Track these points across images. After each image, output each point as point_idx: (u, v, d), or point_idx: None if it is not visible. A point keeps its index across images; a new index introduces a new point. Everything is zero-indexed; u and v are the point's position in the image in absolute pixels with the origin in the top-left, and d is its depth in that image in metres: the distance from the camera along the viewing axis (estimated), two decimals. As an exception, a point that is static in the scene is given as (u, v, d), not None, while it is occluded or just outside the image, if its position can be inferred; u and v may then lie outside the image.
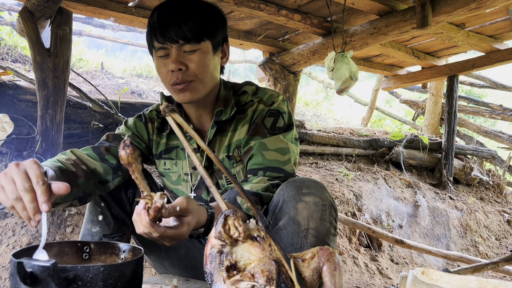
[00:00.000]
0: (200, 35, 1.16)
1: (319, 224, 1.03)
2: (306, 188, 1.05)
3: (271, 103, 1.28)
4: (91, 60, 7.41)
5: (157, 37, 1.16)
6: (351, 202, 3.59)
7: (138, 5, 2.96)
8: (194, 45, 1.16)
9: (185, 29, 1.13)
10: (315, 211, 1.03)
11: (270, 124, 1.25)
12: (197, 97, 1.21)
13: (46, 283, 0.69)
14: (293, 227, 1.03)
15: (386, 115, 8.20)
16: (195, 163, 0.97)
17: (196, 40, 1.15)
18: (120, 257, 0.92)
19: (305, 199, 1.04)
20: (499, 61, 3.95)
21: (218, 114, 1.27)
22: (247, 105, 1.30)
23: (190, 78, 1.17)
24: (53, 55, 2.67)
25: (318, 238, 1.02)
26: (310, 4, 3.00)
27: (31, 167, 0.83)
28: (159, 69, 1.21)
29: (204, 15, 1.18)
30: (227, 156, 1.28)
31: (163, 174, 1.38)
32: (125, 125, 1.35)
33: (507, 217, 4.62)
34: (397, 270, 3.40)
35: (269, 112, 1.26)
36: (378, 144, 4.59)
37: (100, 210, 1.26)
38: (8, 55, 5.11)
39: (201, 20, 1.17)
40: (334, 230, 1.07)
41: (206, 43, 1.18)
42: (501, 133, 6.07)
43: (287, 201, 1.05)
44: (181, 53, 1.16)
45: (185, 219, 0.91)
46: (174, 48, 1.15)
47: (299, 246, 1.01)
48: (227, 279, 0.77)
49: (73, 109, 3.08)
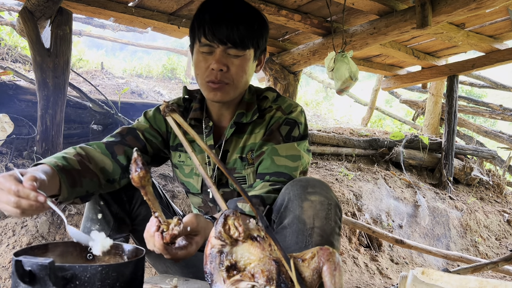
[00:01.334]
0: (248, 43, 1.20)
1: (325, 223, 1.03)
2: (311, 187, 1.06)
3: (289, 112, 1.31)
4: (91, 60, 7.41)
5: (206, 34, 1.18)
6: (351, 202, 3.59)
7: (138, 5, 2.96)
8: (240, 51, 1.19)
9: (236, 34, 1.16)
10: (321, 210, 1.03)
11: (286, 132, 1.27)
12: (226, 99, 1.25)
13: (44, 282, 0.69)
14: (298, 226, 1.03)
15: (386, 115, 8.20)
16: (195, 163, 0.98)
17: (243, 47, 1.19)
18: (124, 257, 0.92)
19: (311, 198, 1.04)
20: (499, 61, 3.94)
21: (239, 116, 1.30)
22: (266, 110, 1.33)
23: (227, 80, 1.21)
24: (53, 55, 2.66)
25: (323, 237, 1.02)
26: (310, 4, 3.00)
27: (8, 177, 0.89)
28: (199, 63, 1.23)
29: (255, 24, 1.22)
30: (240, 157, 1.31)
31: (176, 166, 1.40)
32: (144, 117, 1.37)
33: (507, 217, 4.62)
34: (397, 270, 3.40)
35: (286, 120, 1.28)
36: (378, 144, 4.59)
37: (99, 209, 1.26)
38: (8, 55, 5.11)
39: (252, 28, 1.20)
40: (338, 230, 1.08)
41: (250, 51, 1.23)
42: (501, 133, 6.07)
43: (292, 200, 1.06)
44: (225, 55, 1.19)
45: (194, 238, 0.94)
46: (220, 48, 1.18)
47: (304, 245, 1.01)
48: (227, 279, 0.77)
49: (73, 109, 3.08)
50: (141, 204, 1.34)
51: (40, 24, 2.70)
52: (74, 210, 2.38)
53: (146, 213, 1.35)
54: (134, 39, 9.54)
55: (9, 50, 5.18)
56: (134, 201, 1.32)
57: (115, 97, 4.27)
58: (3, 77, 2.95)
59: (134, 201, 1.32)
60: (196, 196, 1.41)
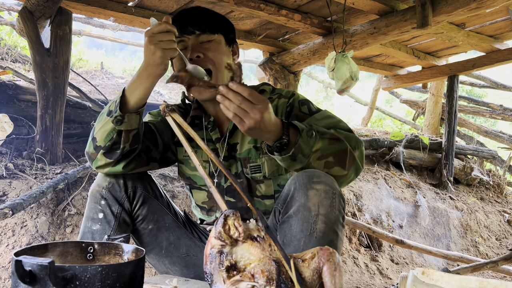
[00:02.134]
0: (214, 28, 1.32)
1: (329, 211, 1.05)
2: (317, 177, 1.08)
3: (291, 95, 1.37)
4: (91, 60, 7.41)
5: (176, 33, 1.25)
6: (351, 202, 3.59)
7: (138, 5, 2.96)
8: (209, 35, 1.31)
9: (201, 22, 1.30)
10: (326, 198, 1.06)
11: (308, 110, 1.32)
12: (217, 83, 1.28)
13: (44, 282, 0.69)
14: (303, 213, 1.05)
15: (386, 115, 8.19)
16: (195, 163, 0.99)
17: (210, 31, 1.31)
18: (124, 258, 0.92)
19: (316, 187, 1.06)
20: (499, 61, 3.94)
21: None
22: None
23: (208, 65, 1.28)
24: (53, 55, 2.66)
25: (328, 225, 1.04)
26: (310, 4, 3.00)
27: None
28: (177, 63, 1.32)
29: (216, 16, 1.37)
30: (255, 146, 1.35)
31: (182, 161, 1.43)
32: (151, 114, 1.44)
33: (507, 217, 4.62)
34: (397, 270, 3.40)
35: (300, 101, 1.34)
36: (378, 144, 4.59)
37: (100, 208, 1.26)
38: (8, 55, 5.11)
39: (214, 17, 1.36)
40: (342, 220, 1.10)
41: (219, 36, 1.34)
42: (501, 133, 6.06)
43: (298, 189, 1.08)
44: (198, 44, 1.30)
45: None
46: (191, 39, 1.30)
47: (309, 232, 1.03)
48: (227, 279, 0.77)
49: (73, 109, 3.08)
50: (142, 204, 1.34)
51: (40, 24, 2.70)
52: (74, 210, 2.38)
53: (147, 213, 1.35)
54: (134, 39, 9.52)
55: (8, 50, 5.18)
56: (135, 201, 1.32)
57: (114, 97, 4.27)
58: (3, 77, 2.95)
59: (135, 202, 1.33)
60: (201, 190, 1.43)
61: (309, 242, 1.02)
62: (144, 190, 1.34)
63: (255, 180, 1.35)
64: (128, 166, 1.25)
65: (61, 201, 2.39)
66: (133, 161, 1.26)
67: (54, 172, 2.59)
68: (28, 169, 2.55)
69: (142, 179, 1.35)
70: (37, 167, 2.59)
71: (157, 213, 1.37)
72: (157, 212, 1.37)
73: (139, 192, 1.32)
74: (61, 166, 2.70)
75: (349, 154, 1.16)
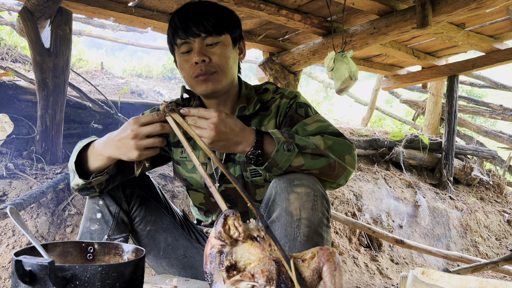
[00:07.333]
0: (220, 28, 1.24)
1: (311, 214, 1.04)
2: (297, 180, 1.07)
3: (293, 96, 1.34)
4: (91, 60, 7.41)
5: (179, 34, 1.22)
6: (351, 202, 3.59)
7: (138, 5, 2.96)
8: (215, 37, 1.23)
9: (206, 23, 1.22)
10: (307, 201, 1.04)
11: (304, 113, 1.30)
12: (219, 88, 1.26)
13: (44, 282, 0.69)
14: (286, 218, 1.04)
15: (386, 115, 8.19)
16: (195, 163, 0.98)
17: (217, 33, 1.23)
18: (124, 257, 0.92)
19: (297, 190, 1.05)
20: (499, 61, 3.94)
21: (241, 110, 1.32)
22: (270, 102, 1.35)
23: (213, 69, 1.24)
24: (53, 55, 2.66)
25: (311, 228, 1.03)
26: (310, 4, 3.00)
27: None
28: (182, 65, 1.27)
29: (222, 13, 1.27)
30: None
31: (178, 162, 1.40)
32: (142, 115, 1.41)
33: (507, 217, 4.62)
34: (397, 270, 3.40)
35: (298, 104, 1.31)
36: (378, 144, 4.59)
37: (98, 208, 1.27)
38: (8, 55, 5.11)
39: (219, 16, 1.26)
40: (326, 221, 1.08)
41: (226, 36, 1.26)
42: (501, 133, 6.06)
43: (279, 193, 1.07)
44: (204, 46, 1.23)
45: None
46: (197, 41, 1.23)
47: (293, 237, 1.02)
48: (227, 279, 0.77)
49: (73, 109, 3.07)
50: (140, 205, 1.34)
51: (40, 24, 2.70)
52: (74, 210, 2.38)
53: (145, 214, 1.35)
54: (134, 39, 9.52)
55: (9, 50, 5.18)
56: (133, 201, 1.33)
57: (115, 97, 4.27)
58: (3, 77, 2.95)
59: (133, 202, 1.33)
60: (198, 192, 1.41)
61: (293, 247, 1.01)
62: (141, 190, 1.34)
63: (255, 184, 1.32)
64: (114, 184, 1.27)
65: (61, 201, 2.39)
66: (117, 180, 1.27)
67: (54, 172, 2.59)
68: (28, 169, 2.55)
69: (139, 180, 1.35)
70: (37, 167, 2.59)
71: (154, 214, 1.37)
72: (154, 213, 1.37)
73: (136, 193, 1.33)
74: (61, 166, 2.70)
75: (337, 167, 1.12)
